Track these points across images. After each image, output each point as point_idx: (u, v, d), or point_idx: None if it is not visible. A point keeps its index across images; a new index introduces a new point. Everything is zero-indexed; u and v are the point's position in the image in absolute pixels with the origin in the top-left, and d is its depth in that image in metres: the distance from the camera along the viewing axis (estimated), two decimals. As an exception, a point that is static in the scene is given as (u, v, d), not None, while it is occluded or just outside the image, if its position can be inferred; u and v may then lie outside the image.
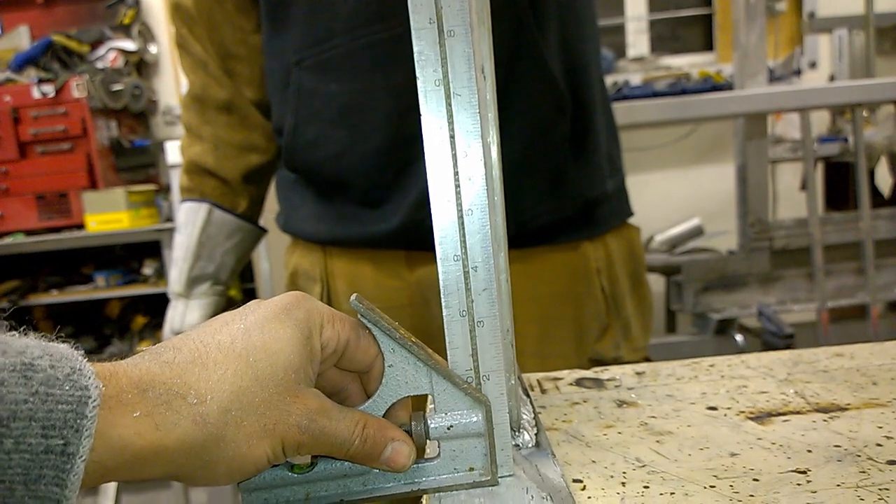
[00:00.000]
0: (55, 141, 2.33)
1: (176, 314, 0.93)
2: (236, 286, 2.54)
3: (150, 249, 2.40)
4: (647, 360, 0.87)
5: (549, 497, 0.32)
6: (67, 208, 2.31)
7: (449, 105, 0.33)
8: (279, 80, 0.80)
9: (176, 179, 1.40)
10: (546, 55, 0.70)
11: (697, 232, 1.88)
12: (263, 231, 0.98)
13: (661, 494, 0.34)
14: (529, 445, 0.37)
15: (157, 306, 2.54)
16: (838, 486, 0.33)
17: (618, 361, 0.81)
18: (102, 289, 2.41)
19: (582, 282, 0.77)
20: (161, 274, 2.38)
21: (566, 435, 0.41)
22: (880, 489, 0.33)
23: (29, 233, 2.33)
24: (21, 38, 2.59)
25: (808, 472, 0.35)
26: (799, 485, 0.34)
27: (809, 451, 0.37)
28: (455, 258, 0.34)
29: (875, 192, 1.85)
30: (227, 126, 0.88)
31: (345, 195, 0.79)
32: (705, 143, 2.52)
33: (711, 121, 2.08)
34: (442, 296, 0.34)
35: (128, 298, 2.56)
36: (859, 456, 0.36)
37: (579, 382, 0.50)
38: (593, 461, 0.38)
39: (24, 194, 2.33)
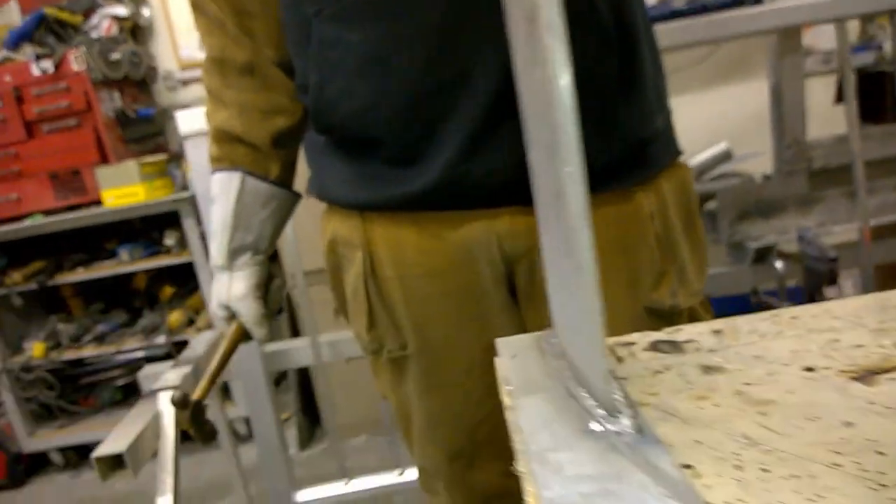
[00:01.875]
0: (61, 117, 2.29)
1: (221, 287, 0.91)
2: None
3: (169, 220, 2.38)
4: (703, 303, 0.84)
5: (672, 496, 0.29)
6: (82, 185, 2.29)
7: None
8: (299, 35, 0.76)
9: (188, 147, 1.37)
10: None
11: (726, 156, 1.82)
12: (298, 196, 0.95)
13: (784, 478, 0.31)
14: (630, 431, 0.35)
15: (182, 276, 2.55)
16: (976, 456, 0.31)
17: (675, 309, 0.78)
18: (127, 262, 2.41)
19: (634, 230, 0.75)
20: (183, 244, 2.37)
21: (658, 411, 0.39)
22: None
23: (47, 213, 2.32)
24: (11, 14, 2.52)
25: (937, 441, 0.32)
26: (930, 456, 0.31)
27: (930, 414, 0.35)
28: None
29: (911, 99, 1.77)
30: (250, 89, 0.85)
31: (376, 154, 0.76)
32: (726, 63, 2.42)
33: (738, 39, 1.98)
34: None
35: (153, 270, 2.56)
36: None
37: (655, 347, 0.48)
38: (697, 441, 0.36)
39: (37, 175, 2.31)
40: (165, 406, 1.25)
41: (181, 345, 2.41)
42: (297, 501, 1.54)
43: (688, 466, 0.33)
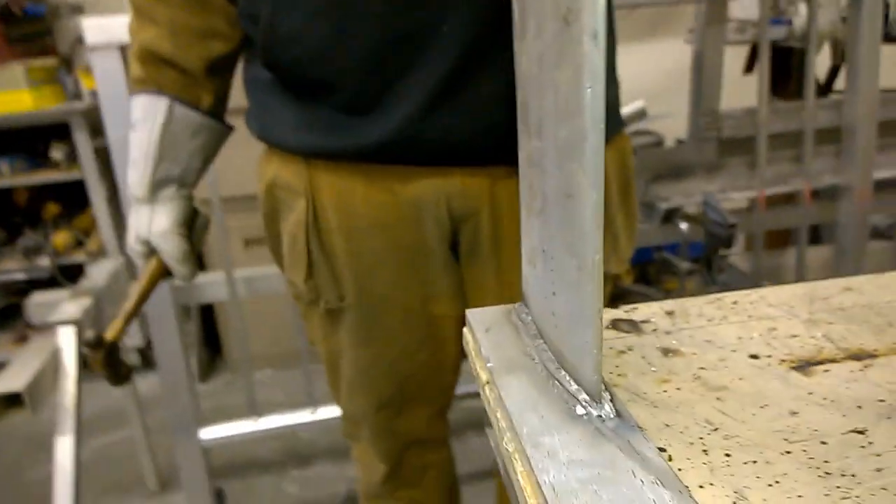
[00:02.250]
0: (-70, 6, 2.02)
1: (141, 221, 0.86)
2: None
3: (57, 132, 2.19)
4: (627, 269, 0.90)
5: (658, 481, 0.32)
6: (-43, 85, 2.04)
7: None
8: None
9: (95, 61, 1.25)
10: None
11: (641, 115, 1.89)
12: (230, 129, 0.90)
13: (745, 464, 0.35)
14: (611, 416, 0.38)
15: (69, 194, 2.37)
16: (894, 445, 0.36)
17: (606, 275, 0.83)
18: (7, 176, 2.21)
19: None
20: (73, 158, 2.20)
21: (628, 393, 0.42)
22: (938, 449, 0.36)
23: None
24: None
25: (867, 434, 0.37)
26: (863, 447, 0.36)
27: (859, 406, 0.40)
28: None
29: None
30: (185, 7, 0.78)
31: (328, 100, 0.73)
32: (647, 21, 2.48)
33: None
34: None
35: (36, 186, 2.36)
36: (908, 412, 0.39)
37: (615, 325, 0.51)
38: (666, 425, 0.39)
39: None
40: (66, 341, 1.19)
41: (67, 269, 2.27)
42: (202, 438, 1.53)
43: (662, 450, 0.37)
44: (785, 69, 1.81)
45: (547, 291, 0.42)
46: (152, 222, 0.85)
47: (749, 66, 1.87)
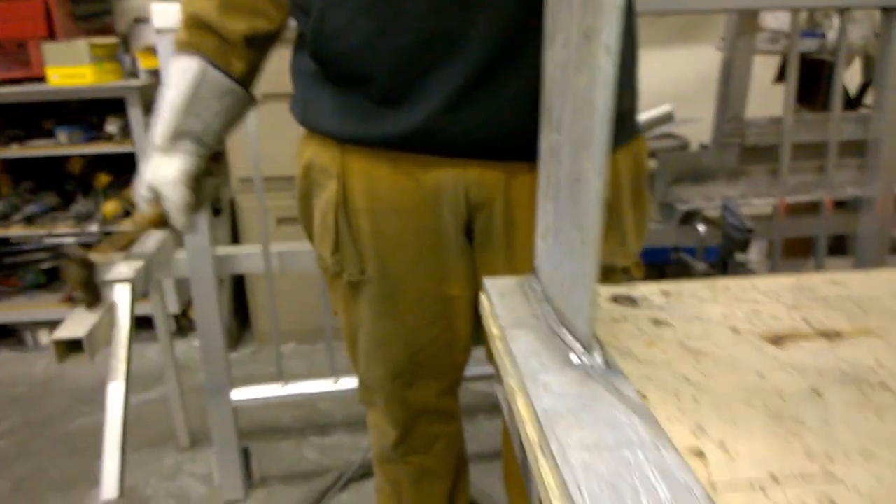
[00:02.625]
0: (7, -17, 2.14)
1: (152, 168, 0.89)
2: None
3: (114, 106, 2.30)
4: (637, 263, 0.95)
5: (632, 411, 0.40)
6: (27, 59, 2.17)
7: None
8: None
9: (160, 42, 1.35)
10: None
11: (668, 118, 1.93)
12: (254, 101, 0.96)
13: (710, 407, 0.42)
14: (601, 365, 0.45)
15: (120, 165, 2.48)
16: (846, 405, 0.43)
17: (612, 267, 0.89)
18: (65, 145, 2.33)
19: None
20: (126, 133, 2.31)
21: (619, 352, 0.50)
22: (877, 408, 0.42)
23: (-15, 84, 2.20)
24: None
25: (822, 394, 0.44)
26: (815, 403, 0.43)
27: (820, 373, 0.47)
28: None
29: (843, 91, 1.92)
30: None
31: (365, 90, 0.80)
32: (679, 25, 2.52)
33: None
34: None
35: (89, 156, 2.49)
36: (859, 379, 0.45)
37: (616, 299, 0.58)
38: (647, 376, 0.46)
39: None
40: (121, 297, 1.29)
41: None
42: (233, 398, 1.62)
43: (641, 394, 0.44)
44: (815, 81, 1.84)
45: (555, 262, 0.49)
46: (161, 169, 0.87)
47: (780, 76, 1.90)
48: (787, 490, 0.35)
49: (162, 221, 0.90)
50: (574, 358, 0.46)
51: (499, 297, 0.55)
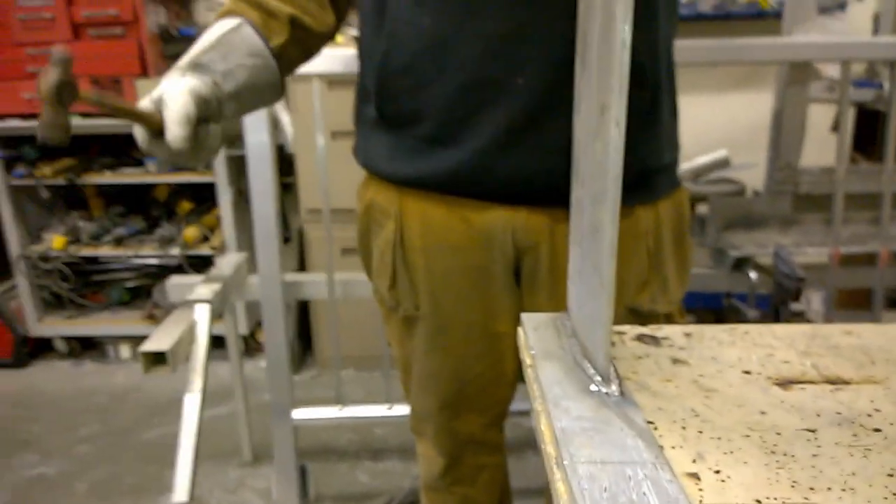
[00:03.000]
0: (107, 24, 2.38)
1: (163, 83, 0.80)
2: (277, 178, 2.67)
3: (198, 139, 2.49)
4: (680, 309, 1.00)
5: (638, 436, 0.46)
6: (121, 94, 2.39)
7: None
8: (373, 8, 0.86)
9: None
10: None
11: (723, 163, 1.96)
12: (282, 89, 0.93)
13: (711, 438, 0.48)
14: (616, 395, 0.52)
15: (202, 194, 2.68)
16: (836, 444, 0.48)
17: (653, 312, 0.93)
18: (152, 173, 2.54)
19: (631, 243, 0.87)
20: (207, 164, 2.50)
21: (636, 385, 0.56)
22: (865, 449, 0.47)
23: (84, 115, 2.43)
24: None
25: (816, 432, 0.49)
26: (808, 440, 0.48)
27: (818, 415, 0.52)
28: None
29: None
30: None
31: (418, 130, 0.86)
32: (739, 72, 2.55)
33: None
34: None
35: (174, 185, 2.69)
36: (853, 423, 0.50)
37: (640, 338, 0.64)
38: (660, 408, 0.52)
39: (79, 77, 2.39)
40: (200, 316, 1.42)
41: (193, 258, 2.57)
42: (294, 417, 1.73)
43: (650, 422, 0.50)
44: (872, 131, 1.85)
45: (580, 301, 0.56)
46: (173, 84, 0.79)
47: (836, 125, 1.91)
48: (767, 511, 0.41)
49: (154, 125, 0.78)
50: (593, 387, 0.52)
51: (533, 330, 0.62)
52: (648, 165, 0.87)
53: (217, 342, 2.30)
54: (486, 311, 0.96)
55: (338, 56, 1.45)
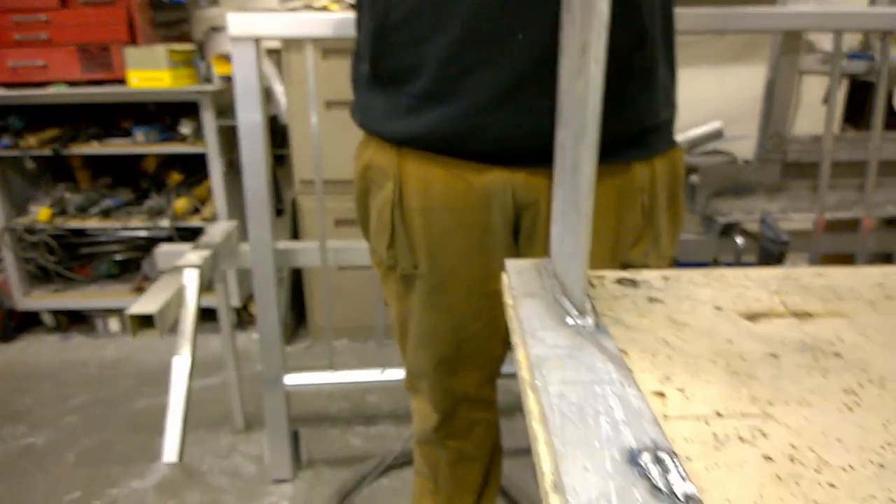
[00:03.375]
0: (95, -8, 2.36)
1: None
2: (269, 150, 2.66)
3: (188, 109, 2.49)
4: (671, 266, 1.02)
5: (609, 360, 0.48)
6: (109, 62, 2.38)
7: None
8: None
9: (235, 50, 1.48)
10: None
11: (717, 135, 1.98)
12: None
13: (679, 363, 0.50)
14: (592, 326, 0.53)
15: (192, 165, 2.68)
16: (797, 366, 0.49)
17: (645, 267, 0.95)
18: (141, 144, 2.53)
19: (627, 198, 0.89)
20: (198, 135, 2.49)
21: (612, 320, 0.57)
22: (825, 370, 0.49)
23: (71, 84, 2.41)
24: None
25: (779, 357, 0.51)
26: (771, 364, 0.50)
27: (782, 343, 0.53)
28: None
29: (891, 112, 1.93)
30: None
31: (413, 86, 0.86)
32: (737, 45, 2.55)
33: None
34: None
35: (163, 155, 2.69)
36: (816, 349, 0.52)
37: (620, 281, 0.66)
38: (633, 339, 0.54)
39: (66, 45, 2.38)
40: (189, 281, 1.43)
41: (183, 230, 2.57)
42: (286, 383, 1.75)
43: (623, 350, 0.52)
44: (864, 102, 1.86)
45: (560, 240, 0.58)
46: None
47: (826, 99, 1.92)
48: (726, 422, 0.43)
49: None
50: (569, 320, 0.54)
51: (516, 274, 0.64)
52: (645, 122, 0.88)
53: (209, 315, 2.32)
54: (484, 270, 0.97)
55: (331, 20, 1.44)
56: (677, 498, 0.34)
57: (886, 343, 0.53)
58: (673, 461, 0.36)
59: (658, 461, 0.37)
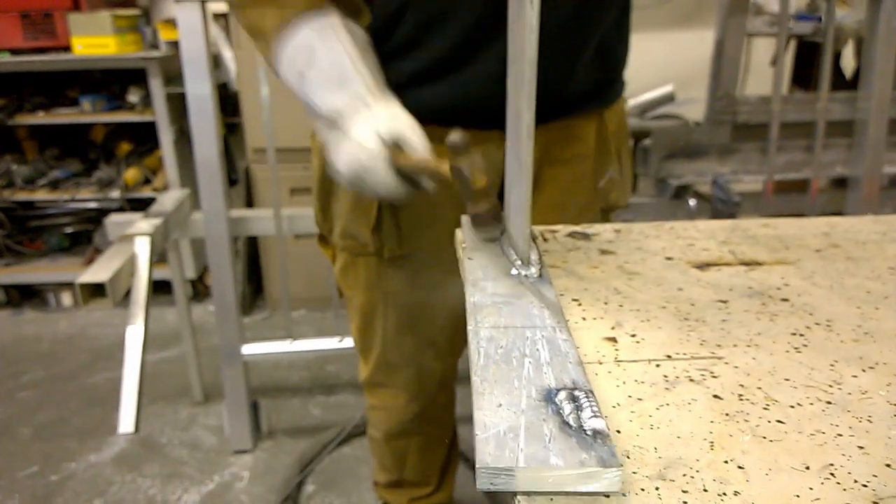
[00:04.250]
0: (34, -46, 2.24)
1: (380, 115, 0.68)
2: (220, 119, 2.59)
3: (135, 76, 2.40)
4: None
5: (546, 307, 0.48)
6: (52, 29, 2.27)
7: None
8: None
9: (179, 12, 1.43)
10: None
11: (668, 98, 2.00)
12: None
13: (630, 310, 0.51)
14: (535, 276, 0.53)
15: (141, 134, 2.59)
16: (745, 311, 0.50)
17: (617, 204, 0.96)
18: (88, 113, 2.43)
19: (603, 143, 0.90)
20: (147, 102, 2.41)
21: (565, 272, 0.58)
22: (772, 315, 0.50)
23: (14, 52, 2.30)
24: None
25: (728, 303, 0.52)
26: (719, 309, 0.51)
27: (731, 289, 0.54)
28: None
29: (838, 73, 1.97)
30: None
31: (413, 62, 0.79)
32: (684, 9, 2.57)
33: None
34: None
35: (112, 125, 2.59)
36: (763, 294, 0.53)
37: (572, 235, 0.66)
38: (585, 289, 0.54)
39: (7, 12, 2.27)
40: (141, 249, 1.39)
41: (135, 201, 2.49)
42: (244, 353, 1.72)
43: (576, 300, 0.52)
44: (811, 64, 1.89)
45: (509, 195, 0.57)
46: (395, 115, 0.68)
47: (775, 60, 1.95)
48: (676, 365, 0.43)
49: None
50: (514, 271, 0.54)
51: (469, 228, 0.63)
52: (620, 69, 0.90)
53: (165, 287, 2.27)
54: None
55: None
56: (585, 433, 0.34)
57: (832, 287, 0.55)
58: (588, 399, 0.37)
59: (573, 399, 0.37)
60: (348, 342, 1.77)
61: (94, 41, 2.20)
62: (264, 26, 0.72)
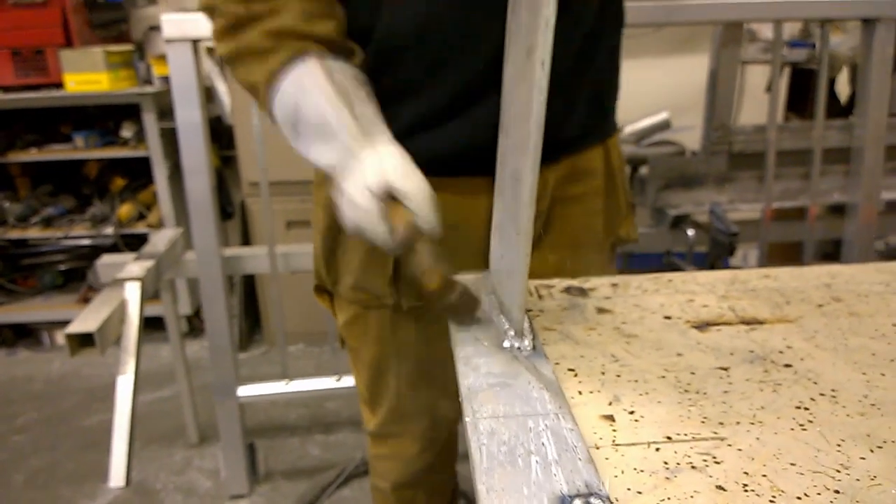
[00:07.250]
0: (26, -7, 2.24)
1: (369, 168, 0.65)
2: (214, 152, 2.58)
3: (129, 112, 2.40)
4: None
5: (545, 388, 0.46)
6: (44, 66, 2.27)
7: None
8: None
9: (170, 52, 1.42)
10: None
11: (664, 125, 1.99)
12: None
13: (628, 381, 0.48)
14: (529, 349, 0.51)
15: (135, 169, 2.58)
16: (747, 380, 0.48)
17: (628, 239, 0.93)
18: (81, 149, 2.42)
19: (611, 179, 0.88)
20: (140, 137, 2.40)
21: (561, 335, 0.56)
22: (776, 384, 0.48)
23: (5, 89, 2.30)
24: None
25: (729, 370, 0.50)
26: (721, 378, 0.49)
27: (732, 353, 0.52)
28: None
29: (833, 99, 1.97)
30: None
31: (419, 105, 0.77)
32: (678, 36, 2.57)
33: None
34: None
35: (105, 160, 2.58)
36: (765, 360, 0.51)
37: (568, 290, 0.64)
38: (581, 356, 0.52)
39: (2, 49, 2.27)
40: (131, 295, 1.37)
41: (129, 238, 2.48)
42: (239, 395, 1.69)
43: (571, 370, 0.50)
44: (806, 90, 1.89)
45: (498, 255, 0.55)
46: (386, 163, 0.65)
47: (769, 87, 1.95)
48: (677, 449, 0.41)
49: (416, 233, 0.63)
50: (506, 343, 0.52)
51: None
52: (611, 105, 0.89)
53: (161, 324, 2.24)
54: None
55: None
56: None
57: (836, 350, 0.53)
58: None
59: (589, 508, 0.35)
60: (346, 381, 1.74)
61: (87, 77, 2.20)
62: (253, 82, 0.71)
